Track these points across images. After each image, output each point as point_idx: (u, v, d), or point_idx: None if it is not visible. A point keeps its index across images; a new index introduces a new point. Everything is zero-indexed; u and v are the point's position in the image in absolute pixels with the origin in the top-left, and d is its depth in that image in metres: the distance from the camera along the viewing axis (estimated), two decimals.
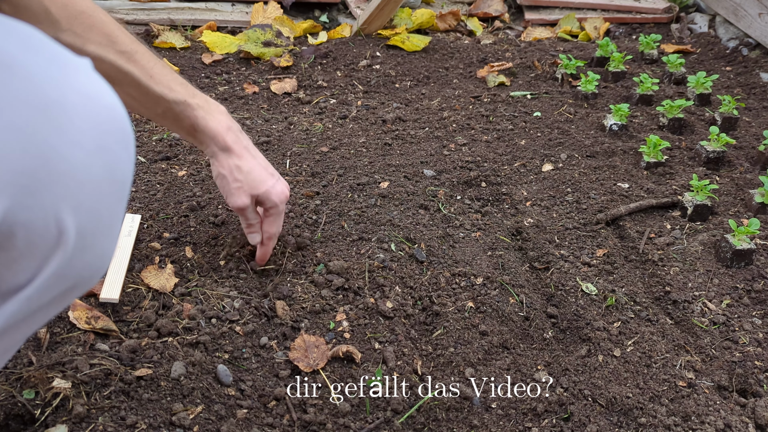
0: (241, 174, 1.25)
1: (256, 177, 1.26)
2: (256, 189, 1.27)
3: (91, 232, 0.67)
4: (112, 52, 1.07)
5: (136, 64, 1.11)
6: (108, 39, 1.07)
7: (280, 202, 1.31)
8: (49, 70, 0.63)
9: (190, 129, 1.22)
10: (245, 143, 1.27)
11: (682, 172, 1.94)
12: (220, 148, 1.24)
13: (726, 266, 1.58)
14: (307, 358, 1.23)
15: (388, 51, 2.72)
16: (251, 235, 1.35)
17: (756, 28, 2.90)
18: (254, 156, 1.28)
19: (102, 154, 0.66)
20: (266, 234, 1.35)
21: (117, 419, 1.07)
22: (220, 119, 1.24)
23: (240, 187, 1.26)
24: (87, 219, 0.66)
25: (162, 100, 1.16)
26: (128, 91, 1.13)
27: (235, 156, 1.24)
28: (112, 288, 1.29)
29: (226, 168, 1.25)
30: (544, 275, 1.56)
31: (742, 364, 1.34)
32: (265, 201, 1.29)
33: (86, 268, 0.69)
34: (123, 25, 2.84)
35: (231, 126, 1.25)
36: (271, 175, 1.30)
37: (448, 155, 1.97)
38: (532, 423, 1.20)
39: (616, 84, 2.55)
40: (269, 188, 1.28)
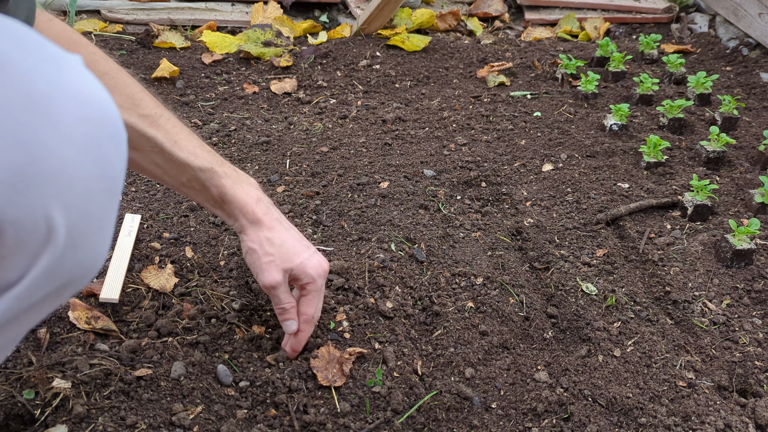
0: (272, 247, 1.13)
1: (289, 249, 1.14)
2: (289, 262, 1.14)
3: (81, 230, 0.66)
4: (135, 116, 1.02)
5: (159, 129, 1.05)
6: (131, 101, 1.02)
7: (318, 277, 1.18)
8: (41, 66, 0.62)
9: (218, 199, 1.12)
10: (277, 215, 1.17)
11: (682, 172, 1.94)
12: (250, 221, 1.14)
13: (726, 266, 1.58)
14: (327, 371, 1.22)
15: (388, 51, 2.72)
16: (286, 322, 1.20)
17: (756, 28, 2.90)
18: (287, 228, 1.17)
19: (92, 151, 0.65)
20: (303, 317, 1.19)
21: (117, 419, 1.07)
22: (249, 190, 1.14)
23: (272, 261, 1.13)
24: (77, 217, 0.65)
25: (187, 167, 1.08)
26: (151, 157, 1.06)
27: (265, 228, 1.14)
28: (112, 288, 1.29)
29: (256, 242, 1.14)
30: (544, 275, 1.56)
31: (742, 364, 1.34)
32: (300, 275, 1.16)
33: (78, 266, 0.69)
34: (123, 25, 2.81)
35: (261, 198, 1.16)
36: (307, 247, 1.18)
37: (448, 155, 1.97)
38: (532, 423, 1.20)
39: (616, 84, 2.55)
40: (304, 260, 1.16)
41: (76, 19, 2.71)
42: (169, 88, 2.31)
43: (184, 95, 2.27)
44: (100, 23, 2.69)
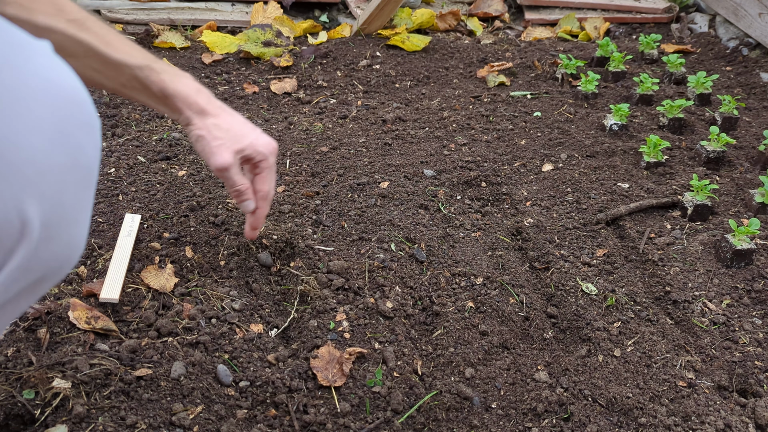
0: (220, 131, 1.15)
1: (237, 131, 1.17)
2: (239, 143, 1.17)
3: (56, 222, 0.64)
4: (63, 21, 0.99)
5: (89, 32, 1.02)
6: (55, 8, 0.98)
7: (269, 153, 1.21)
8: (5, 53, 0.59)
9: (159, 95, 1.12)
10: (219, 104, 1.19)
11: (682, 172, 1.94)
12: (195, 111, 1.15)
13: (726, 266, 1.58)
14: (327, 371, 1.22)
15: (388, 51, 2.72)
16: (244, 203, 1.23)
17: (756, 28, 2.90)
18: (232, 114, 1.19)
19: (64, 141, 0.63)
20: (260, 194, 1.23)
21: (117, 419, 1.07)
22: (188, 83, 1.16)
23: (222, 143, 1.15)
24: (51, 208, 0.63)
25: (124, 66, 1.07)
26: (86, 62, 1.04)
27: (211, 116, 1.16)
28: (112, 288, 1.29)
29: (203, 129, 1.15)
30: (544, 275, 1.56)
31: (742, 364, 1.34)
32: (252, 154, 1.19)
33: (54, 259, 0.67)
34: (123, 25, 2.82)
35: (201, 89, 1.18)
36: (253, 129, 1.21)
37: (448, 155, 1.97)
38: (532, 423, 1.20)
39: (616, 84, 2.55)
40: (253, 140, 1.19)
41: None
42: None
43: None
44: None
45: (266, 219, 1.60)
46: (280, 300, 1.39)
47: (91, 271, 1.37)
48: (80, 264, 1.38)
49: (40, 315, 1.22)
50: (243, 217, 1.61)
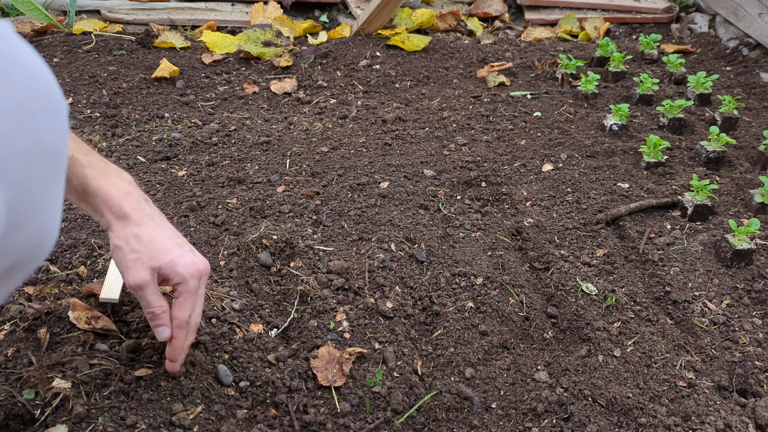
0: (139, 244, 1.02)
1: (158, 246, 1.04)
2: (157, 260, 1.03)
3: (23, 209, 0.61)
4: None
5: None
6: None
7: (190, 277, 1.06)
8: None
9: (80, 191, 1.01)
10: (148, 211, 1.06)
11: (682, 172, 1.94)
12: (116, 216, 1.02)
13: (726, 266, 1.58)
14: (327, 371, 1.22)
15: (388, 51, 2.72)
16: (157, 329, 1.08)
17: (756, 28, 2.90)
18: (158, 225, 1.06)
19: (27, 123, 0.60)
20: (176, 321, 1.08)
21: (117, 419, 1.07)
22: (117, 182, 1.03)
23: (138, 258, 1.02)
24: (17, 195, 0.60)
25: None
26: None
27: (133, 224, 1.03)
28: (112, 288, 1.29)
29: (122, 238, 1.02)
30: (544, 275, 1.56)
31: (742, 364, 1.34)
32: (169, 274, 1.05)
33: (24, 247, 0.64)
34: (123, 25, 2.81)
35: (131, 192, 1.04)
36: (180, 245, 1.07)
37: (448, 155, 1.97)
38: (532, 423, 1.20)
39: (616, 84, 2.55)
40: (174, 258, 1.04)
41: (76, 19, 2.71)
42: (169, 88, 2.31)
43: (184, 95, 2.27)
44: (100, 23, 2.68)
45: (267, 221, 1.60)
46: (280, 300, 1.39)
47: (91, 271, 1.37)
48: (80, 264, 1.38)
49: (40, 315, 1.22)
50: (243, 217, 1.61)
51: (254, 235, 1.48)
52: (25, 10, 2.51)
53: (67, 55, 2.44)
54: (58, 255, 1.40)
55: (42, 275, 1.35)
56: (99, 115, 2.07)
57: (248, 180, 1.77)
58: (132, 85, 2.28)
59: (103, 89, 2.23)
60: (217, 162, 1.86)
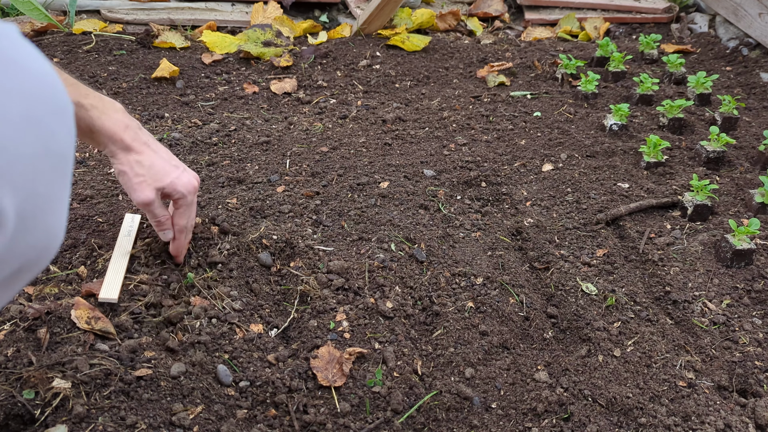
0: (142, 168, 1.21)
1: (159, 170, 1.23)
2: (160, 181, 1.23)
3: (31, 212, 0.62)
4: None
5: None
6: None
7: (188, 192, 1.28)
8: None
9: (86, 131, 1.17)
10: (145, 139, 1.23)
11: (682, 172, 1.94)
12: (119, 147, 1.19)
13: (726, 266, 1.58)
14: (327, 371, 1.22)
15: (388, 51, 2.72)
16: (162, 232, 1.32)
17: (756, 28, 2.90)
18: (155, 150, 1.24)
19: (34, 128, 0.60)
20: (177, 227, 1.32)
21: (117, 419, 1.07)
22: (117, 117, 1.19)
23: (143, 180, 1.21)
24: (25, 198, 0.61)
25: None
26: None
27: (134, 153, 1.20)
28: (111, 288, 1.29)
29: (126, 164, 1.20)
30: (544, 275, 1.56)
31: (742, 364, 1.34)
32: (171, 192, 1.26)
33: (32, 250, 0.65)
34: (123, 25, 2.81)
35: (129, 124, 1.21)
36: (176, 166, 1.27)
37: (448, 155, 1.97)
38: (532, 423, 1.20)
39: (616, 84, 2.55)
40: (174, 179, 1.25)
41: (76, 19, 2.71)
42: (169, 88, 2.31)
43: (184, 95, 2.27)
44: (100, 23, 2.69)
45: (267, 221, 1.60)
46: (280, 300, 1.39)
47: (91, 271, 1.37)
48: (80, 264, 1.38)
49: (40, 315, 1.22)
50: (243, 216, 1.61)
51: (254, 235, 1.48)
52: (25, 10, 2.51)
53: (67, 55, 2.44)
54: (58, 255, 1.40)
55: (42, 275, 1.35)
56: None
57: (248, 180, 1.77)
58: (132, 85, 2.28)
59: (103, 89, 2.23)
60: (217, 162, 1.86)
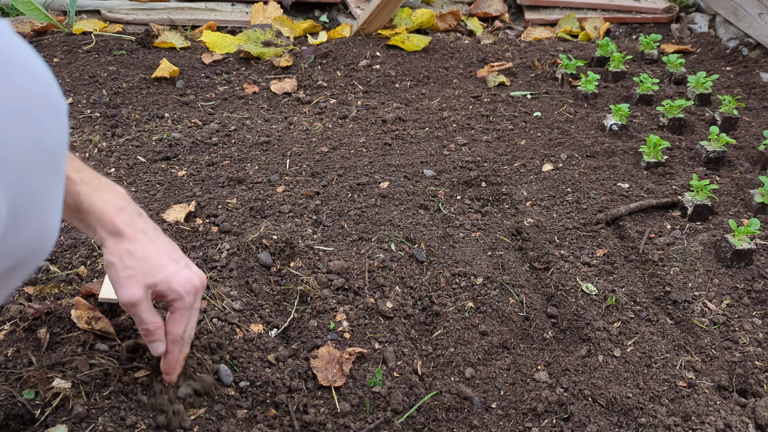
0: (133, 261, 1.01)
1: (153, 263, 1.02)
2: (152, 276, 1.02)
3: (24, 209, 0.61)
4: None
5: None
6: None
7: (185, 293, 1.05)
8: None
9: (73, 208, 0.99)
10: (143, 226, 1.04)
11: (682, 172, 1.94)
12: (109, 232, 1.00)
13: (726, 266, 1.58)
14: (327, 371, 1.22)
15: (388, 51, 2.72)
16: (152, 344, 1.07)
17: (756, 28, 2.90)
18: (153, 241, 1.04)
19: (27, 124, 0.59)
20: (170, 336, 1.07)
21: (117, 419, 1.07)
22: (110, 198, 1.01)
23: (132, 275, 1.00)
24: (18, 195, 0.60)
25: None
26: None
27: (127, 241, 1.01)
28: (111, 288, 1.29)
29: (115, 255, 1.00)
30: (544, 275, 1.56)
31: (742, 364, 1.34)
32: (165, 291, 1.04)
33: (25, 247, 0.63)
34: (123, 25, 2.81)
35: (124, 207, 1.03)
36: (175, 261, 1.06)
37: (448, 155, 1.97)
38: (532, 423, 1.20)
39: (616, 84, 2.55)
40: (170, 275, 1.03)
41: (76, 19, 2.71)
42: (169, 88, 2.31)
43: (184, 95, 2.27)
44: (100, 23, 2.68)
45: (267, 221, 1.60)
46: (280, 300, 1.39)
47: (91, 271, 1.37)
48: (80, 264, 1.38)
49: (40, 315, 1.22)
50: (243, 216, 1.61)
51: (254, 235, 1.48)
52: (25, 10, 2.51)
53: (67, 55, 2.44)
54: (58, 255, 1.40)
55: (42, 275, 1.35)
56: (99, 115, 2.07)
57: (248, 180, 1.77)
58: (132, 85, 2.28)
59: (103, 89, 2.23)
60: (217, 162, 1.86)
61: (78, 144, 1.89)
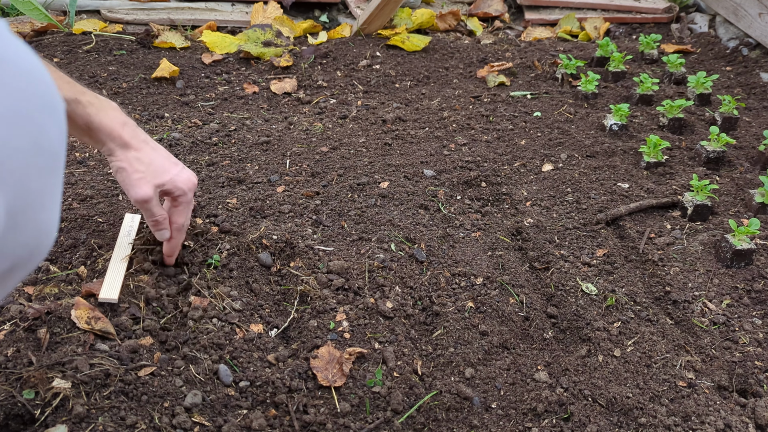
0: (141, 165, 1.19)
1: (158, 167, 1.21)
2: (160, 177, 1.21)
3: (22, 210, 0.61)
4: None
5: None
6: None
7: (188, 189, 1.27)
8: None
9: (84, 128, 1.15)
10: (143, 137, 1.22)
11: (682, 172, 1.94)
12: (118, 144, 1.18)
13: (726, 266, 1.58)
14: (327, 371, 1.22)
15: (388, 51, 2.72)
16: (159, 231, 1.28)
17: (756, 28, 2.90)
18: (154, 148, 1.23)
19: (25, 124, 0.59)
20: (175, 225, 1.29)
21: (117, 419, 1.07)
22: (114, 115, 1.18)
23: (142, 177, 1.19)
24: (15, 196, 0.60)
25: None
26: None
27: (133, 150, 1.19)
28: (111, 288, 1.29)
29: (125, 161, 1.18)
30: (544, 275, 1.56)
31: (742, 364, 1.34)
32: (172, 189, 1.24)
33: (23, 248, 0.64)
34: (123, 25, 2.81)
35: (126, 121, 1.20)
36: (175, 164, 1.25)
37: (448, 155, 1.97)
38: (532, 423, 1.20)
39: (616, 84, 2.55)
40: (174, 176, 1.23)
41: (76, 19, 2.71)
42: (169, 88, 2.31)
43: (184, 95, 2.27)
44: (100, 23, 2.68)
45: (267, 221, 1.60)
46: (280, 300, 1.39)
47: (91, 271, 1.37)
48: (80, 264, 1.38)
49: (40, 315, 1.22)
50: (243, 216, 1.61)
51: (254, 235, 1.48)
52: (25, 10, 2.51)
53: (67, 55, 2.44)
54: (58, 255, 1.40)
55: (42, 275, 1.35)
56: None
57: (248, 180, 1.77)
58: (132, 85, 2.28)
59: (103, 89, 2.23)
60: (217, 162, 1.86)
61: (78, 144, 1.89)
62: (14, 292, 1.30)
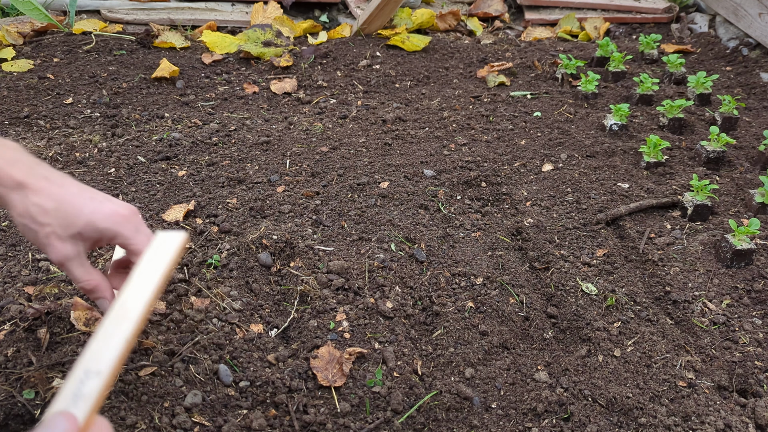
0: (45, 215, 0.90)
1: (68, 208, 0.91)
2: (73, 225, 0.91)
3: None
4: None
5: None
6: None
7: (116, 224, 0.93)
8: None
9: None
10: (44, 173, 0.92)
11: (682, 172, 1.94)
12: (9, 187, 0.90)
13: (726, 266, 1.58)
14: (327, 371, 1.22)
15: (388, 51, 2.72)
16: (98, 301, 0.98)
17: (756, 28, 2.90)
18: (61, 185, 0.92)
19: None
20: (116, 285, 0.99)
21: (117, 419, 1.07)
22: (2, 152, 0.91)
23: (51, 231, 0.90)
24: None
25: None
26: None
27: (30, 192, 0.90)
28: None
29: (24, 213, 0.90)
30: (544, 275, 1.56)
31: (742, 364, 1.34)
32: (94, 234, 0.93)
33: None
34: (123, 25, 2.82)
35: (19, 159, 0.92)
36: (91, 198, 0.94)
37: (448, 155, 1.97)
38: (532, 423, 1.20)
39: (616, 84, 2.55)
40: (90, 214, 0.92)
41: (76, 19, 2.71)
42: (169, 88, 2.31)
43: (184, 95, 2.27)
44: (100, 23, 2.68)
45: (267, 221, 1.60)
46: (280, 300, 1.39)
47: None
48: None
49: (40, 315, 1.22)
50: (243, 216, 1.61)
51: (254, 235, 1.48)
52: (25, 10, 2.51)
53: (67, 55, 2.44)
54: None
55: (42, 275, 1.35)
56: (99, 115, 2.07)
57: (248, 180, 1.77)
58: (132, 85, 2.28)
59: (103, 89, 2.23)
60: (217, 162, 1.86)
61: (78, 144, 1.89)
62: (14, 292, 1.30)
